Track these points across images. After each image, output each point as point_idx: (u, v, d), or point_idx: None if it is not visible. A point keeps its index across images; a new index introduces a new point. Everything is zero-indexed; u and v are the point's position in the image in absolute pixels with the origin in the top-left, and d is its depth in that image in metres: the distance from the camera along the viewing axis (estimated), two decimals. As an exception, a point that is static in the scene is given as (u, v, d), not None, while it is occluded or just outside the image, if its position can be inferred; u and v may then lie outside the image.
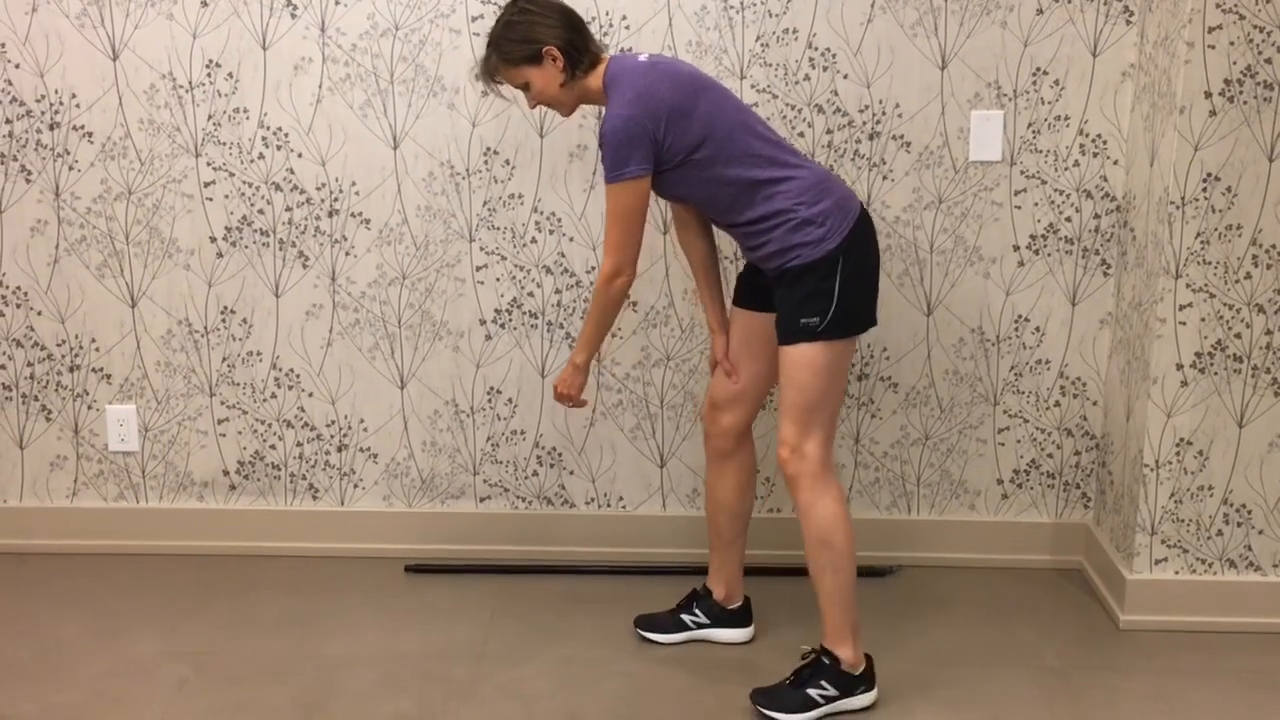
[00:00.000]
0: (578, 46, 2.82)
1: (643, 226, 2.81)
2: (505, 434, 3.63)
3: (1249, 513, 3.24)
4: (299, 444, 3.66)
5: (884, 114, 3.39)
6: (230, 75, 3.43)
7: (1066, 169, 3.41)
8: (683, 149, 2.76)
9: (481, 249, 3.51)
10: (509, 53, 2.82)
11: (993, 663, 3.12)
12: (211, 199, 3.50)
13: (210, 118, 3.45)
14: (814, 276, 2.75)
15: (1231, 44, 2.98)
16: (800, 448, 2.80)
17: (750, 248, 2.88)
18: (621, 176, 2.74)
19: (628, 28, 3.35)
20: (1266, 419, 3.18)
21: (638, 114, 2.71)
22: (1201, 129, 3.03)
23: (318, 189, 3.49)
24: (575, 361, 3.00)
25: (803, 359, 2.77)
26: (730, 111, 2.80)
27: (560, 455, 3.64)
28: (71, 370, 3.63)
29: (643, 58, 2.86)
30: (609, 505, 3.67)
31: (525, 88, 2.88)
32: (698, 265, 3.11)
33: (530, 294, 3.53)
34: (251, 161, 3.48)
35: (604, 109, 2.82)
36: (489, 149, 3.45)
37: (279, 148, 3.46)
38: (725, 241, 3.24)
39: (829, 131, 3.40)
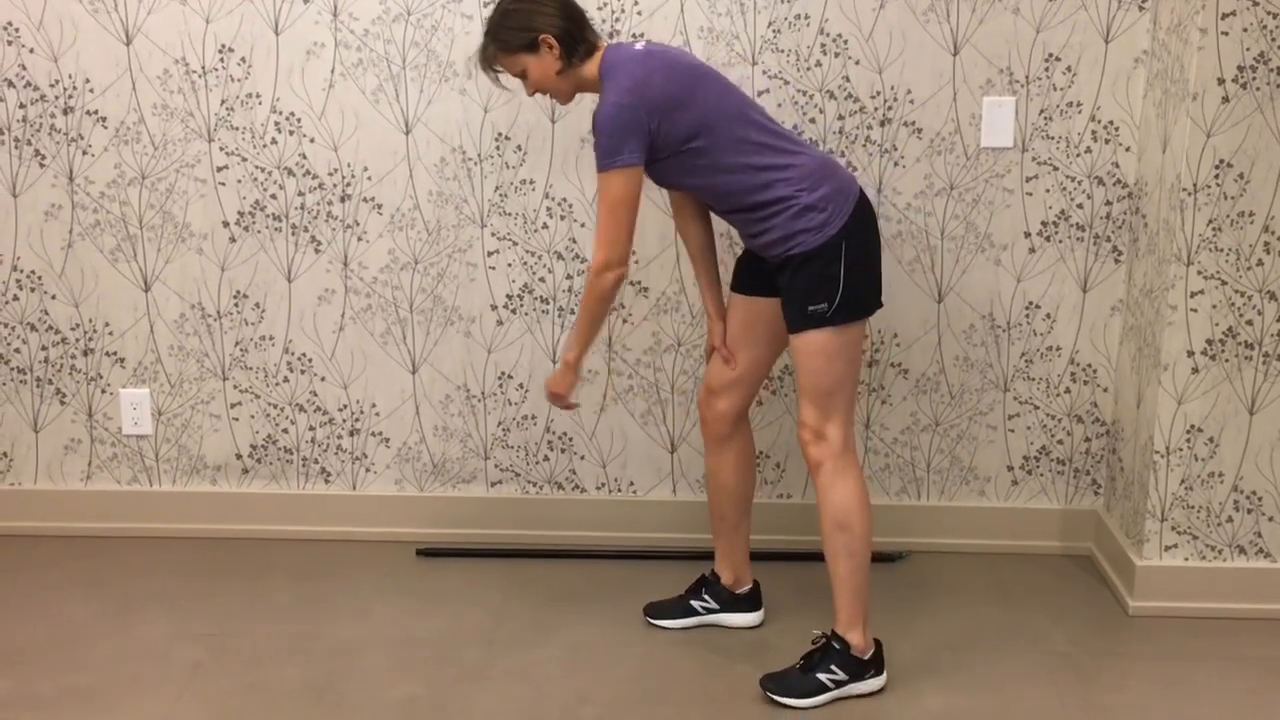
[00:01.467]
0: (574, 35, 2.81)
1: (634, 219, 2.77)
2: (516, 419, 3.64)
3: (1259, 499, 3.24)
4: (311, 428, 3.68)
5: (895, 100, 3.39)
6: (243, 60, 3.43)
7: (1078, 155, 3.40)
8: (676, 139, 2.75)
9: (493, 234, 3.52)
10: (506, 41, 2.83)
11: (1002, 648, 3.12)
12: (224, 184, 3.52)
13: (223, 103, 3.46)
14: (819, 262, 2.75)
15: (1245, 30, 2.98)
16: (822, 431, 2.81)
17: (751, 235, 2.87)
18: (613, 165, 2.72)
19: (639, 13, 3.35)
20: (1277, 406, 3.18)
21: (631, 102, 2.70)
22: (1214, 115, 3.03)
23: (330, 174, 3.50)
24: (566, 359, 2.95)
25: (815, 345, 2.78)
26: (728, 101, 2.80)
27: (571, 440, 3.65)
28: (85, 354, 3.65)
29: (639, 46, 2.85)
30: (619, 490, 3.68)
31: (523, 75, 2.87)
32: (695, 251, 3.11)
33: (541, 279, 3.54)
34: (264, 146, 3.49)
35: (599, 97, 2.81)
36: (501, 134, 3.45)
37: (291, 133, 3.47)
38: (721, 226, 3.24)
39: (840, 118, 3.40)
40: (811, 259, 2.75)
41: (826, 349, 2.77)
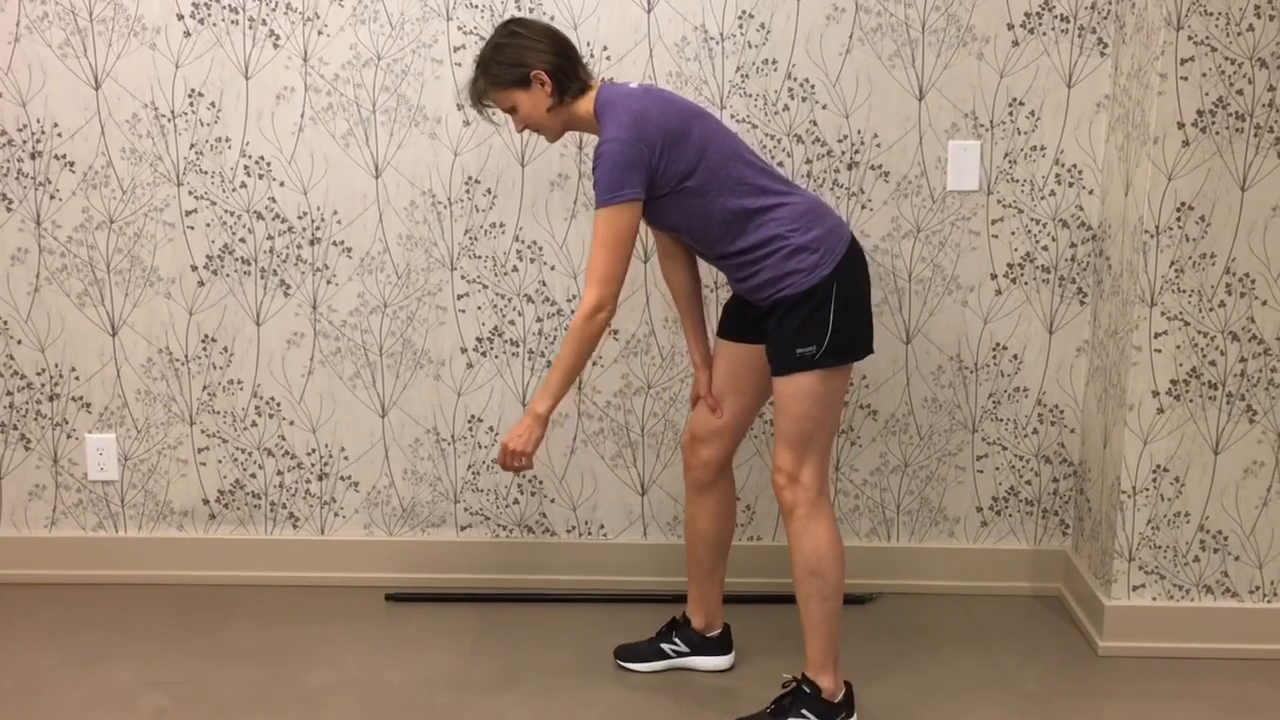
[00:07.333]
0: (566, 72, 2.80)
1: (629, 257, 2.74)
2: (486, 462, 3.63)
3: (1225, 539, 3.26)
4: (279, 472, 3.66)
5: (862, 144, 3.42)
6: (212, 105, 3.44)
7: (1043, 198, 3.44)
8: (676, 175, 2.73)
9: (463, 277, 3.52)
10: (497, 75, 2.81)
11: (972, 689, 3.13)
12: (193, 227, 3.51)
13: (192, 146, 3.46)
14: (808, 305, 2.72)
15: (1204, 75, 3.02)
16: (797, 475, 2.79)
17: (741, 279, 2.84)
18: (615, 199, 2.68)
19: (609, 58, 3.38)
20: (1241, 445, 3.21)
21: (633, 137, 2.68)
22: (1175, 159, 3.07)
23: (299, 218, 3.50)
24: (536, 410, 2.81)
25: (799, 389, 2.75)
26: (722, 140, 2.79)
27: (541, 483, 3.64)
28: (51, 399, 3.62)
29: (634, 85, 2.85)
30: (590, 533, 3.68)
31: (512, 111, 2.85)
32: (681, 299, 3.09)
33: (511, 322, 3.54)
34: (233, 190, 3.49)
35: (597, 135, 2.78)
36: (470, 178, 3.47)
37: (261, 176, 3.48)
38: (706, 272, 3.26)
39: (808, 161, 3.43)
40: (801, 301, 2.73)
41: (811, 393, 2.75)
